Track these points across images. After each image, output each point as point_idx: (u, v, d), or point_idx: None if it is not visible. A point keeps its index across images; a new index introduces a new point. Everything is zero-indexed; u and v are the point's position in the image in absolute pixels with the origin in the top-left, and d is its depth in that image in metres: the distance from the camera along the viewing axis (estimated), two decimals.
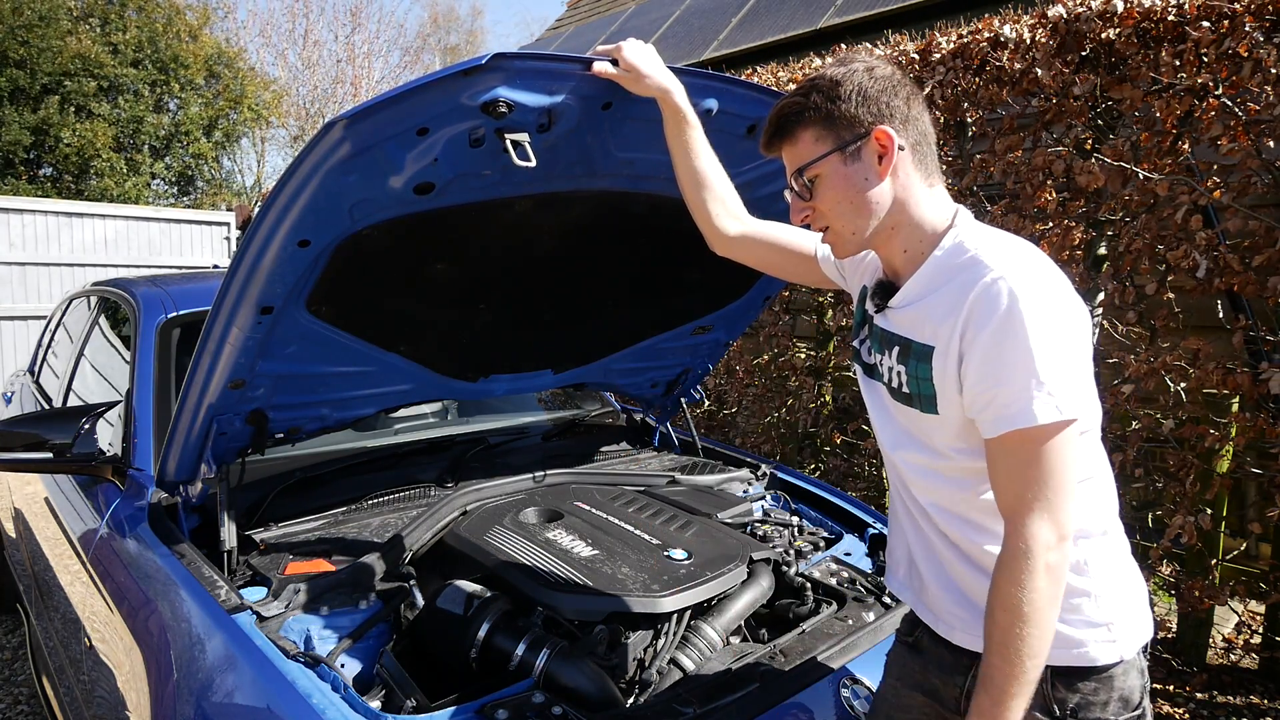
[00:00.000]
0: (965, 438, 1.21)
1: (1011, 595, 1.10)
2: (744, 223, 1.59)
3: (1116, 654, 1.22)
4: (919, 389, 1.23)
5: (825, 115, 1.21)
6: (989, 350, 1.11)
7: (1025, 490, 1.11)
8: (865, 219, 1.24)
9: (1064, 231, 3.20)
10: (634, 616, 1.65)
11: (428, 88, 1.34)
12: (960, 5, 5.96)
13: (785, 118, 1.25)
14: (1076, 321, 1.14)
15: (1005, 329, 1.10)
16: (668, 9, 9.87)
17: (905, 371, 1.26)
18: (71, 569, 2.26)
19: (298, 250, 1.57)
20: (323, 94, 20.57)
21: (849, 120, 1.20)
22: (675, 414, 2.92)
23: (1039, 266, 1.15)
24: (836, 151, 1.21)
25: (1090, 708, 1.22)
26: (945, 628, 1.32)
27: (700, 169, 1.53)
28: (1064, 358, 1.10)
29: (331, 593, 1.71)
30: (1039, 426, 1.09)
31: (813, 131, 1.23)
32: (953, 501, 1.27)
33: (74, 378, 3.13)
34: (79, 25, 12.09)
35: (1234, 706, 3.13)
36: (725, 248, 1.61)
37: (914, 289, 1.25)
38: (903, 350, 1.26)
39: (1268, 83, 2.66)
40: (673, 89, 1.48)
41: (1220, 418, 2.98)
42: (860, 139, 1.20)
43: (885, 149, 1.20)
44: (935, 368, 1.20)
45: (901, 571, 1.42)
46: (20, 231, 7.24)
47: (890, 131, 1.20)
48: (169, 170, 13.41)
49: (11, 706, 3.38)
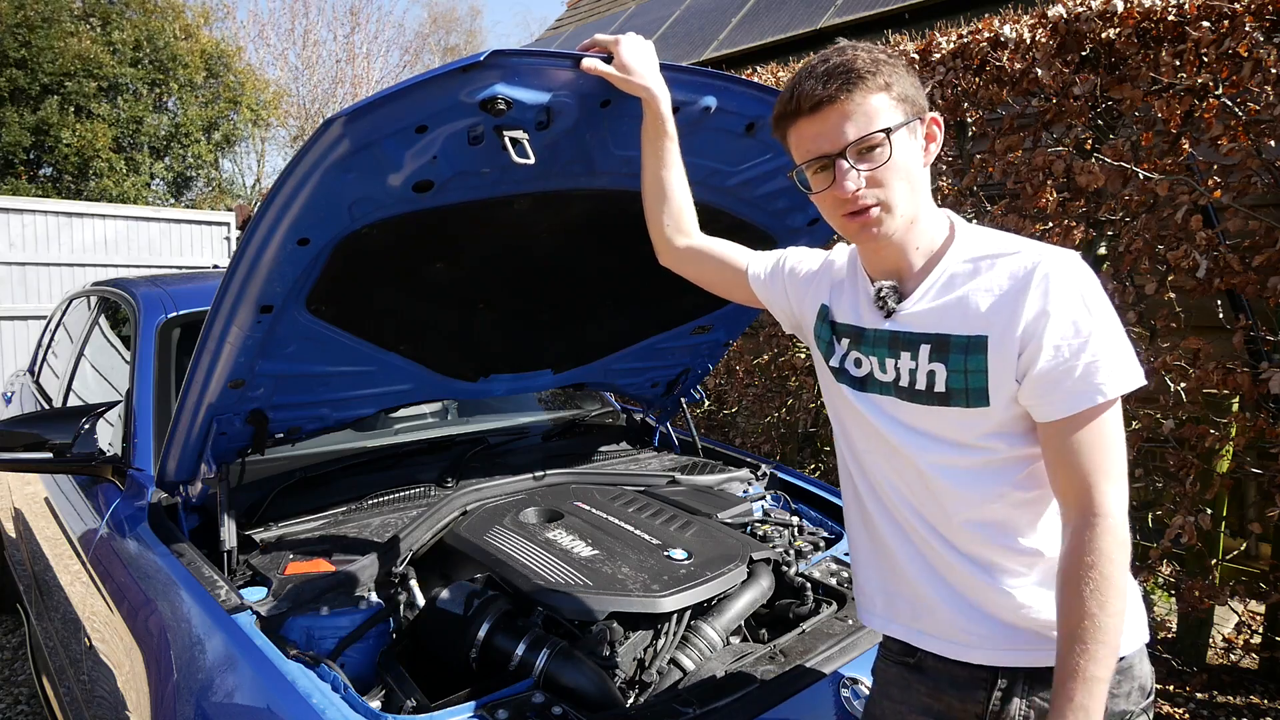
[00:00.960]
0: (1013, 424, 1.18)
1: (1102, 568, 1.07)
2: (692, 238, 1.58)
3: (1136, 642, 1.23)
4: (967, 383, 1.18)
5: (903, 82, 1.18)
6: (1059, 330, 1.11)
7: (1100, 462, 1.12)
8: (914, 202, 1.20)
9: (1064, 231, 3.20)
10: (634, 616, 1.65)
11: (426, 85, 1.34)
12: (960, 5, 5.95)
13: (857, 73, 1.15)
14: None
15: (1071, 308, 1.11)
16: (668, 9, 9.87)
17: (946, 367, 1.20)
18: (71, 569, 2.26)
19: (297, 249, 1.57)
20: (323, 94, 20.59)
21: (913, 98, 1.19)
22: (675, 414, 2.92)
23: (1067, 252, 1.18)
24: (911, 123, 1.18)
25: (1114, 700, 1.20)
26: (959, 648, 1.26)
27: (667, 181, 1.53)
28: (1120, 332, 1.13)
29: (331, 593, 1.71)
30: (1111, 400, 1.11)
31: (892, 94, 1.17)
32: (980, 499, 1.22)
33: (74, 378, 3.13)
34: (79, 25, 12.09)
35: (1234, 706, 3.12)
36: (670, 259, 1.61)
37: (938, 283, 1.22)
38: (937, 347, 1.20)
39: (1268, 83, 2.66)
40: (659, 95, 1.47)
41: (1220, 418, 2.98)
42: (923, 116, 1.20)
43: (933, 137, 1.21)
44: (992, 355, 1.16)
45: (878, 605, 1.36)
46: (20, 231, 7.24)
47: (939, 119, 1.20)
48: (169, 171, 13.40)
49: (11, 706, 3.38)
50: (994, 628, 1.23)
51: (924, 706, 1.32)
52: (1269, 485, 2.94)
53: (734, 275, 1.55)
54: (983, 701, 1.25)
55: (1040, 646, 1.20)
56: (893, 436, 1.28)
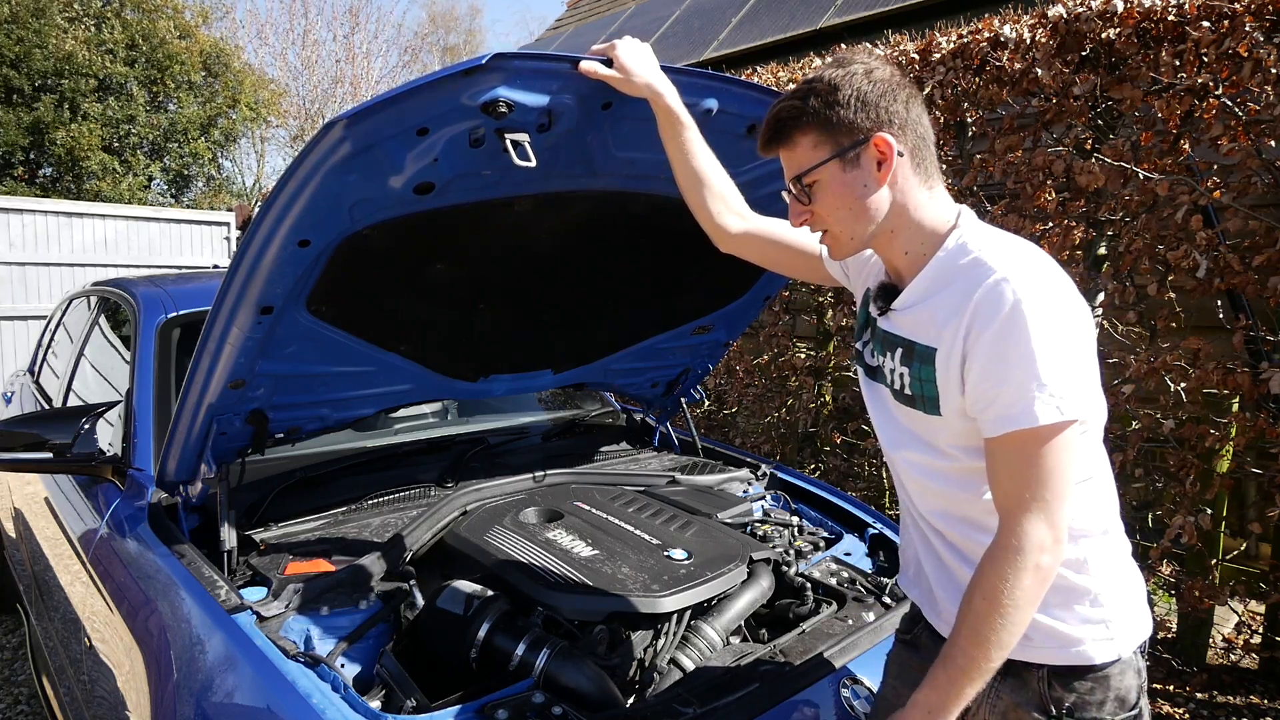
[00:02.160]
0: (967, 437, 1.21)
1: (995, 587, 1.11)
2: (747, 220, 1.58)
3: (1114, 652, 1.23)
4: (922, 390, 1.23)
5: (823, 120, 1.20)
6: (992, 350, 1.11)
7: (1023, 490, 1.12)
8: (864, 224, 1.24)
9: (1064, 231, 3.20)
10: (634, 616, 1.65)
11: (428, 88, 1.34)
12: (960, 5, 5.95)
13: (782, 122, 1.24)
14: (1080, 322, 1.14)
15: (1009, 329, 1.10)
16: (668, 9, 9.87)
17: (909, 373, 1.25)
18: (71, 569, 2.26)
19: (298, 250, 1.57)
20: (322, 94, 20.57)
21: (848, 126, 1.19)
22: (675, 414, 2.92)
23: (1043, 267, 1.15)
24: (836, 158, 1.21)
25: (1087, 707, 1.22)
26: (945, 626, 1.33)
27: (699, 168, 1.52)
28: (1067, 359, 1.10)
29: (331, 593, 1.71)
30: (1040, 427, 1.09)
31: (811, 137, 1.22)
32: (954, 502, 1.27)
33: (74, 378, 3.13)
34: (74, 24, 12.06)
35: (1234, 706, 3.13)
36: (730, 245, 1.59)
37: (917, 291, 1.25)
38: (906, 352, 1.26)
39: (1268, 83, 2.66)
40: (664, 91, 1.47)
41: (1220, 418, 2.98)
42: (859, 145, 1.20)
43: (884, 156, 1.20)
44: (939, 369, 1.20)
45: (911, 570, 1.45)
46: (20, 231, 7.24)
47: (889, 138, 1.19)
48: (166, 171, 13.38)
49: (11, 706, 3.38)
50: None
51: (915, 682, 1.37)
52: (1269, 485, 2.94)
53: (803, 256, 1.58)
54: None
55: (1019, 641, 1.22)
56: (881, 428, 1.36)
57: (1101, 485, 1.26)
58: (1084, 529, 1.22)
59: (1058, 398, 1.08)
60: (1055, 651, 1.22)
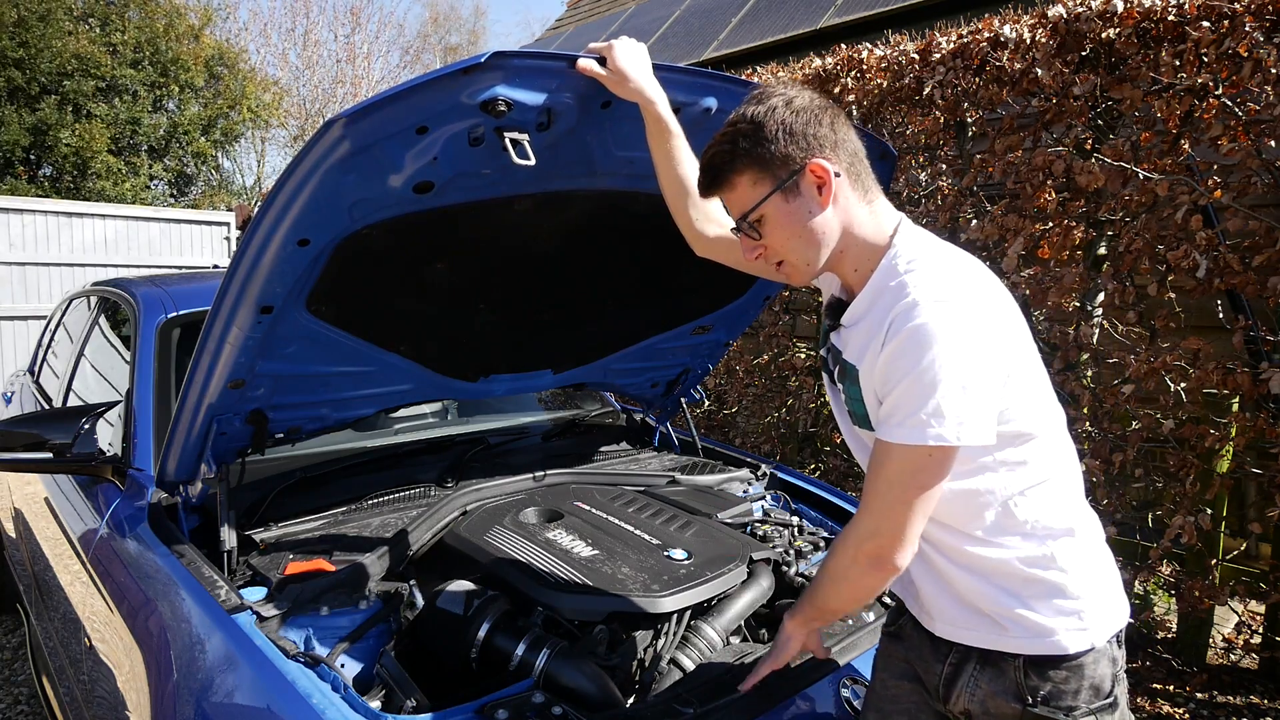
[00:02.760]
0: None
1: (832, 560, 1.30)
2: (723, 226, 1.60)
3: (1087, 641, 1.25)
4: (854, 407, 1.30)
5: (755, 158, 1.24)
6: (887, 362, 1.17)
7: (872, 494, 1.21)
8: (815, 249, 1.27)
9: (1064, 231, 3.20)
10: (634, 616, 1.65)
11: (427, 86, 1.34)
12: (960, 5, 5.96)
13: (717, 167, 1.28)
14: (990, 348, 1.16)
15: (906, 347, 1.14)
16: (668, 9, 9.87)
17: (844, 389, 1.32)
18: (71, 569, 2.26)
19: (297, 249, 1.57)
20: (323, 94, 20.58)
21: (781, 159, 1.23)
22: (675, 414, 2.92)
23: (960, 289, 1.18)
24: (776, 191, 1.24)
25: (1062, 696, 1.25)
26: (928, 619, 1.36)
27: (682, 176, 1.55)
28: (954, 384, 1.12)
29: (331, 593, 1.71)
30: (907, 445, 1.14)
31: (748, 175, 1.25)
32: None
33: (74, 378, 3.13)
34: (79, 26, 12.08)
35: (1234, 706, 3.13)
36: (706, 250, 1.63)
37: (858, 309, 1.30)
38: (841, 369, 1.32)
39: (1268, 83, 2.66)
40: (656, 99, 1.49)
41: (1220, 418, 2.98)
42: (796, 174, 1.23)
43: (823, 179, 1.23)
44: (863, 384, 1.25)
45: None
46: (20, 231, 7.24)
47: (823, 163, 1.22)
48: (168, 171, 13.39)
49: (11, 706, 3.38)
50: (955, 607, 1.31)
51: (901, 672, 1.44)
52: (1269, 485, 2.94)
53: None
54: (938, 672, 1.34)
55: (995, 631, 1.27)
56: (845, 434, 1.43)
57: (1061, 485, 1.29)
58: (1047, 528, 1.26)
59: (930, 420, 1.12)
60: (1030, 641, 1.25)
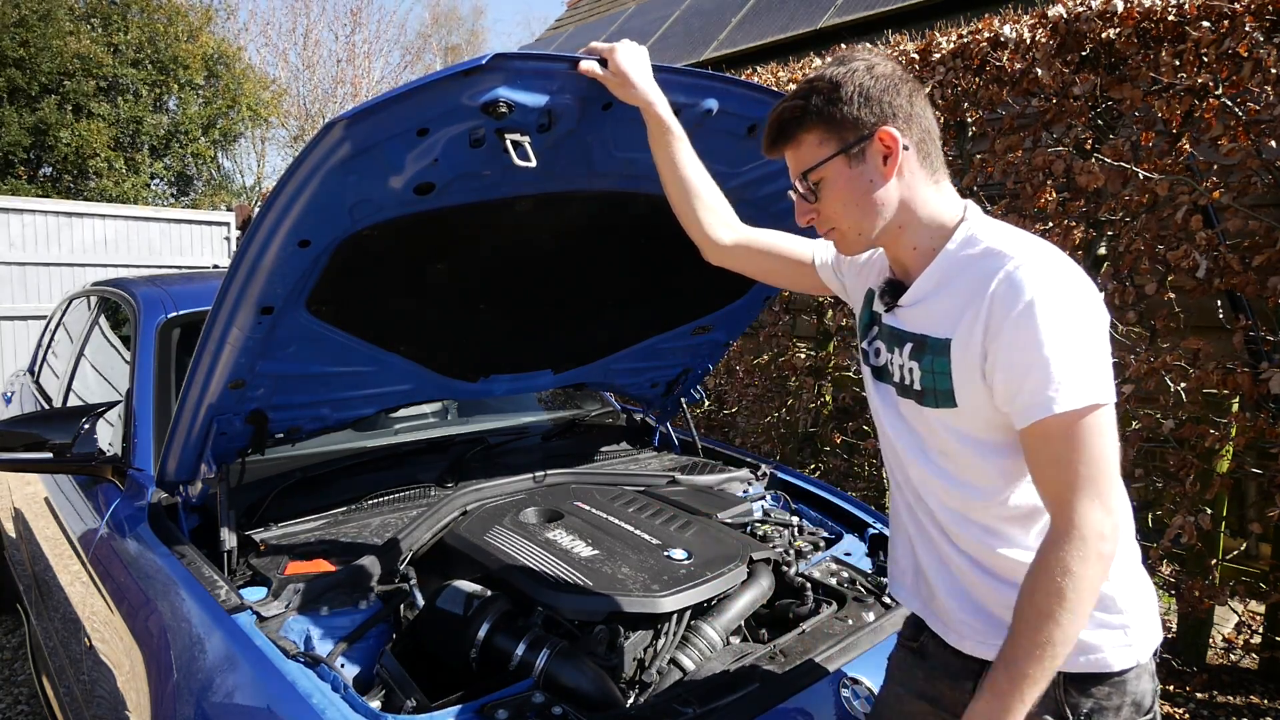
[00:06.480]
0: (987, 430, 1.19)
1: (1057, 580, 1.06)
2: (737, 231, 1.56)
3: (1133, 658, 1.21)
4: (935, 383, 1.22)
5: (827, 118, 1.20)
6: (1014, 339, 1.10)
7: (1071, 476, 1.09)
8: (872, 220, 1.23)
9: (1064, 231, 3.20)
10: (634, 616, 1.65)
11: (428, 88, 1.34)
12: (960, 5, 5.95)
13: (786, 122, 1.24)
14: (1097, 308, 1.13)
15: (1029, 317, 1.09)
16: (668, 9, 9.87)
17: (919, 367, 1.24)
18: (71, 569, 2.26)
19: (298, 250, 1.57)
20: (323, 94, 20.57)
21: (852, 122, 1.19)
22: (675, 414, 2.92)
23: (1056, 255, 1.15)
24: (841, 154, 1.20)
25: (1104, 713, 1.20)
26: (955, 637, 1.29)
27: (688, 178, 1.51)
28: (1088, 344, 1.10)
29: (331, 593, 1.71)
30: (1071, 411, 1.07)
31: (815, 134, 1.21)
32: (967, 505, 1.24)
33: (74, 378, 3.13)
34: (80, 25, 12.08)
35: (1234, 706, 3.13)
36: (719, 257, 1.58)
37: (926, 284, 1.24)
38: (916, 346, 1.24)
39: (1268, 83, 2.66)
40: (656, 101, 1.46)
41: (1220, 418, 2.98)
42: (864, 140, 1.19)
43: (890, 150, 1.19)
44: (954, 359, 1.18)
45: (909, 580, 1.39)
46: (20, 231, 7.24)
47: (894, 132, 1.19)
48: (168, 170, 13.40)
49: (11, 706, 3.38)
50: (986, 621, 1.24)
51: (920, 691, 1.36)
52: (1269, 485, 2.94)
53: (796, 266, 1.57)
54: (969, 691, 1.24)
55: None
56: (890, 428, 1.33)
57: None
58: None
59: (1084, 381, 1.08)
60: (1073, 658, 1.18)
